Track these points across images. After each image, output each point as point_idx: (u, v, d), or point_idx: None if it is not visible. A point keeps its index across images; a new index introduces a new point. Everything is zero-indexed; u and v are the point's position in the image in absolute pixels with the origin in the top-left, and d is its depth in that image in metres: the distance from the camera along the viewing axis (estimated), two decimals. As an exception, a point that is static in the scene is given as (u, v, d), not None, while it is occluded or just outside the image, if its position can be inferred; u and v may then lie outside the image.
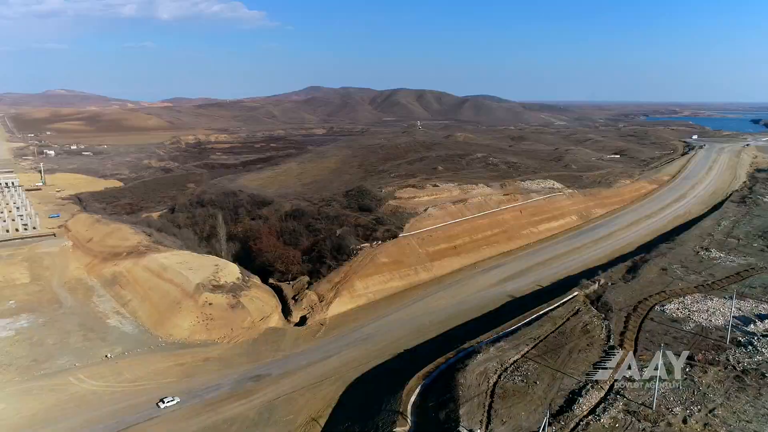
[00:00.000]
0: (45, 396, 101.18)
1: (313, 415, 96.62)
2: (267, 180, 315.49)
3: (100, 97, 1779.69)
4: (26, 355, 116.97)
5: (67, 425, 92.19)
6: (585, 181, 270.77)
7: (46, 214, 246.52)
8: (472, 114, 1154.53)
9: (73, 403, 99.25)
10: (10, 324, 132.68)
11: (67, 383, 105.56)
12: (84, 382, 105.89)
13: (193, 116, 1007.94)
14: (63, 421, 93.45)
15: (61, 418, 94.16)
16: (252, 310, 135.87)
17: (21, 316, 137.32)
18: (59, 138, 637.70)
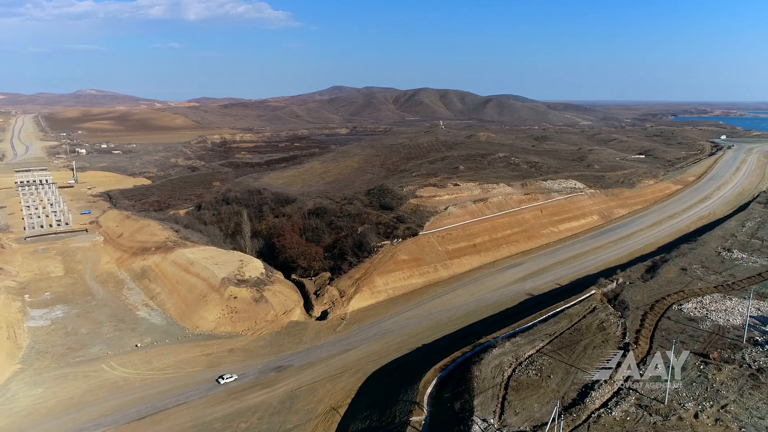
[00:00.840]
0: (79, 382, 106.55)
1: (333, 404, 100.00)
2: (290, 178, 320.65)
3: (129, 97, 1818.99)
4: (61, 343, 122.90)
5: (101, 409, 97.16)
6: (607, 181, 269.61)
7: (78, 211, 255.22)
8: (495, 114, 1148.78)
9: (105, 388, 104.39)
10: (47, 314, 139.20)
11: (100, 370, 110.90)
12: (116, 370, 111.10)
13: (219, 116, 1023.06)
14: (96, 405, 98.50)
15: (94, 402, 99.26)
16: (275, 304, 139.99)
17: (56, 307, 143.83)
18: (90, 137, 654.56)
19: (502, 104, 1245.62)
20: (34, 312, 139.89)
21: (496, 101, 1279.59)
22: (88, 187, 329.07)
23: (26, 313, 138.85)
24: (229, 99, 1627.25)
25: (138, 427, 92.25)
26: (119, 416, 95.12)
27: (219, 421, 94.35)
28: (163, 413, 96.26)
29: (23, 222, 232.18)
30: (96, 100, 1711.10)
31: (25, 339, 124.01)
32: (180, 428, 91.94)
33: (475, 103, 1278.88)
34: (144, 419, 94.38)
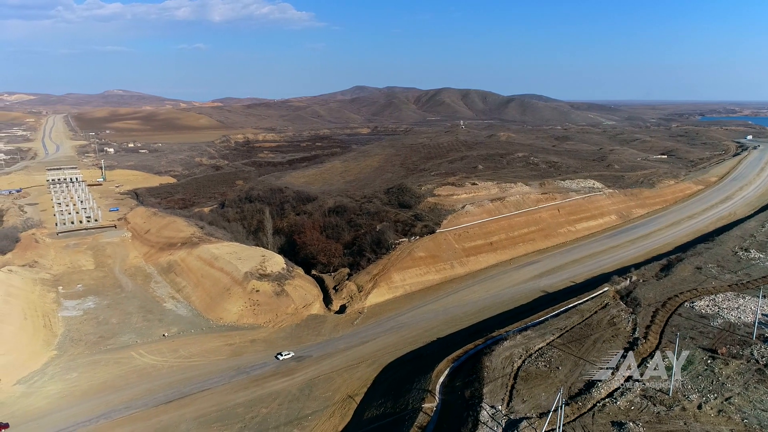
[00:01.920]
0: (111, 367, 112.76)
1: (350, 392, 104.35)
2: (312, 177, 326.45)
3: (155, 97, 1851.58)
4: (93, 332, 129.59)
5: (131, 393, 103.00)
6: (627, 181, 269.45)
7: (107, 208, 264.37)
8: (517, 113, 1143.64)
9: (135, 374, 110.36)
10: (79, 305, 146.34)
11: (130, 357, 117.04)
12: (144, 357, 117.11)
13: (242, 116, 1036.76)
14: (127, 389, 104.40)
15: (125, 387, 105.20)
16: (295, 297, 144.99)
17: (88, 298, 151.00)
18: (117, 136, 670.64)
19: (525, 104, 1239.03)
20: (68, 303, 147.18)
21: (519, 101, 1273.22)
22: (116, 185, 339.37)
23: (60, 303, 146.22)
24: (253, 99, 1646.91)
25: (166, 410, 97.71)
26: (148, 400, 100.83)
27: (241, 406, 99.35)
28: (189, 398, 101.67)
29: (55, 218, 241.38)
30: (123, 100, 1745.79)
31: (60, 327, 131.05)
32: (205, 412, 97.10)
33: (496, 103, 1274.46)
34: (171, 403, 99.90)
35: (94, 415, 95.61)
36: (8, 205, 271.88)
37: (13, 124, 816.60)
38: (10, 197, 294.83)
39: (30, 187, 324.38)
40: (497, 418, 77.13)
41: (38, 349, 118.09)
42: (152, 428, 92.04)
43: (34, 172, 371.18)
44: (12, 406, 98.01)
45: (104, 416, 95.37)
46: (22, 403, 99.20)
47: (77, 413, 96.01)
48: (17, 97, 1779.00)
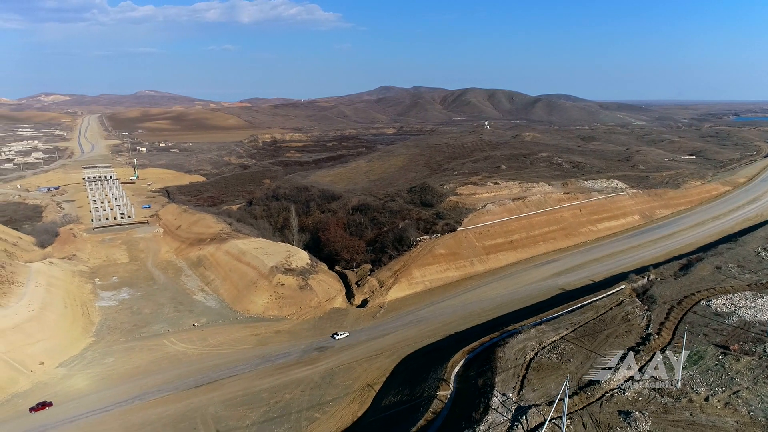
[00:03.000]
0: (144, 354, 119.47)
1: (369, 381, 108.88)
2: (337, 176, 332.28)
3: (185, 98, 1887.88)
4: (128, 321, 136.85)
5: (163, 377, 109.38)
6: (651, 182, 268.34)
7: (140, 205, 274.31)
8: (544, 113, 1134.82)
9: (167, 360, 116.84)
10: (114, 296, 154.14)
11: (162, 345, 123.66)
12: (176, 345, 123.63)
13: (270, 116, 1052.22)
14: (159, 373, 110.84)
15: (157, 371, 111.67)
16: (319, 291, 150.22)
17: (123, 290, 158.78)
18: (149, 136, 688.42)
19: (552, 104, 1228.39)
20: (104, 293, 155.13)
21: (546, 101, 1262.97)
22: (148, 183, 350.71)
23: (97, 294, 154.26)
24: (280, 99, 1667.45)
25: (195, 393, 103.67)
26: (179, 384, 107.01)
27: (266, 391, 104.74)
28: (217, 383, 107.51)
29: (91, 214, 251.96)
30: (154, 100, 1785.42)
31: (97, 316, 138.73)
32: (232, 396, 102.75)
33: (523, 103, 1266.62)
34: (200, 387, 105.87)
35: (129, 396, 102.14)
36: (47, 202, 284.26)
37: (51, 124, 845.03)
38: (48, 194, 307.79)
39: (67, 184, 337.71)
40: (507, 404, 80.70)
41: (78, 336, 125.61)
42: (183, 410, 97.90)
43: (70, 170, 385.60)
44: (55, 386, 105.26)
45: (138, 398, 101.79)
46: (63, 384, 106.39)
47: (114, 394, 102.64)
48: (54, 98, 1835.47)
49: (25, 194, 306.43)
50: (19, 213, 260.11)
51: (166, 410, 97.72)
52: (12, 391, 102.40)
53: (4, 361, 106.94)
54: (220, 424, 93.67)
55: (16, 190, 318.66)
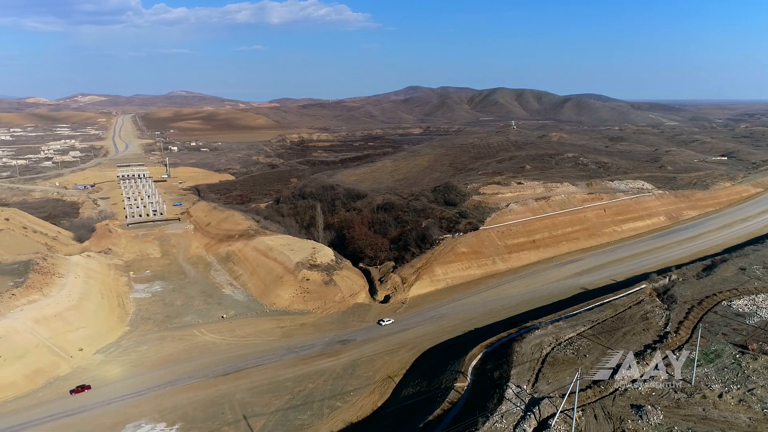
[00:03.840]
0: (176, 343, 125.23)
1: (390, 373, 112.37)
2: (362, 176, 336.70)
3: (215, 98, 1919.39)
4: (161, 312, 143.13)
5: (193, 365, 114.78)
6: (679, 183, 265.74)
7: (171, 202, 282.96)
8: (573, 114, 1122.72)
9: (197, 349, 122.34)
10: (147, 288, 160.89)
11: (192, 335, 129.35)
12: (205, 335, 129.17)
13: (298, 116, 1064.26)
14: (190, 361, 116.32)
15: (188, 360, 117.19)
16: (342, 287, 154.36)
17: (155, 283, 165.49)
18: (181, 135, 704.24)
19: (581, 104, 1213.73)
20: (138, 286, 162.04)
21: (575, 101, 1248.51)
22: (179, 181, 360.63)
23: (132, 286, 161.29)
24: (308, 99, 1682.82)
25: (223, 380, 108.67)
26: (208, 372, 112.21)
27: (290, 380, 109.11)
28: (243, 371, 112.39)
29: (125, 211, 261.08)
30: (186, 101, 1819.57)
31: (132, 307, 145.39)
32: (258, 384, 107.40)
33: (552, 103, 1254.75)
34: (228, 375, 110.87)
35: (161, 382, 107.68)
36: (84, 199, 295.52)
37: (87, 124, 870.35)
38: (85, 192, 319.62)
39: (102, 182, 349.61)
40: (521, 396, 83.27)
41: (114, 325, 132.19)
42: (212, 396, 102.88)
43: (105, 168, 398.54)
44: (93, 371, 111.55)
45: (170, 383, 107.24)
46: (101, 369, 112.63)
47: (147, 380, 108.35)
48: (90, 98, 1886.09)
49: (63, 191, 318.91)
50: (58, 209, 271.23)
51: (196, 395, 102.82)
52: (54, 374, 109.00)
53: (47, 347, 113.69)
54: (247, 409, 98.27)
55: (55, 187, 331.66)
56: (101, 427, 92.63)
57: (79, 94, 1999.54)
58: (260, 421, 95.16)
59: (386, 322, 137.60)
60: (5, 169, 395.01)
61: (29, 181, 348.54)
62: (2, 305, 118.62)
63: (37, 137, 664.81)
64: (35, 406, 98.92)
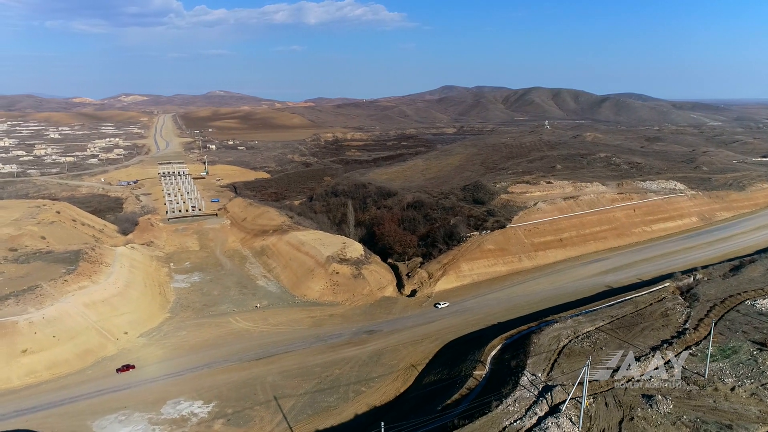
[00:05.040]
0: (212, 329, 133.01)
1: (413, 362, 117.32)
2: (394, 174, 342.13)
3: (253, 98, 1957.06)
4: (199, 300, 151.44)
5: (228, 350, 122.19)
6: (714, 184, 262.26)
7: (209, 199, 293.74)
8: (611, 113, 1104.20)
9: (232, 335, 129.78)
10: (187, 279, 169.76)
11: (228, 322, 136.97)
12: (240, 323, 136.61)
13: (332, 115, 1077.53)
14: (225, 346, 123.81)
15: (223, 344, 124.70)
16: (371, 280, 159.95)
17: (194, 274, 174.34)
18: (219, 134, 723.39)
19: (620, 104, 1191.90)
20: (178, 276, 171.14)
21: (614, 100, 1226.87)
22: (216, 178, 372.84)
23: (172, 276, 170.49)
24: (343, 99, 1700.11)
25: (256, 365, 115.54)
26: (242, 356, 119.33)
27: (318, 366, 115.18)
28: (275, 357, 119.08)
29: (165, 206, 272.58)
30: (224, 100, 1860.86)
31: (172, 296, 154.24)
32: (288, 369, 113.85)
33: (589, 103, 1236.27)
34: (260, 360, 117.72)
35: (198, 364, 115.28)
36: (127, 195, 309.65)
37: (130, 123, 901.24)
38: (128, 188, 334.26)
39: (144, 178, 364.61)
40: (535, 383, 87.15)
41: (155, 311, 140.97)
42: (245, 378, 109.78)
43: (147, 165, 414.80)
44: (136, 353, 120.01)
45: (207, 366, 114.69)
46: (144, 351, 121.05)
47: (186, 362, 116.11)
48: (133, 98, 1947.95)
49: (107, 187, 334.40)
50: (103, 204, 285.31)
51: (231, 377, 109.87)
52: (102, 354, 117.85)
53: (96, 329, 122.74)
54: (277, 391, 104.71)
55: (100, 183, 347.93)
56: (144, 402, 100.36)
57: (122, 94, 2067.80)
58: (289, 402, 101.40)
59: (442, 306, 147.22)
60: (55, 166, 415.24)
61: (76, 177, 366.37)
62: (56, 290, 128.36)
63: (83, 135, 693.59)
64: (85, 382, 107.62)
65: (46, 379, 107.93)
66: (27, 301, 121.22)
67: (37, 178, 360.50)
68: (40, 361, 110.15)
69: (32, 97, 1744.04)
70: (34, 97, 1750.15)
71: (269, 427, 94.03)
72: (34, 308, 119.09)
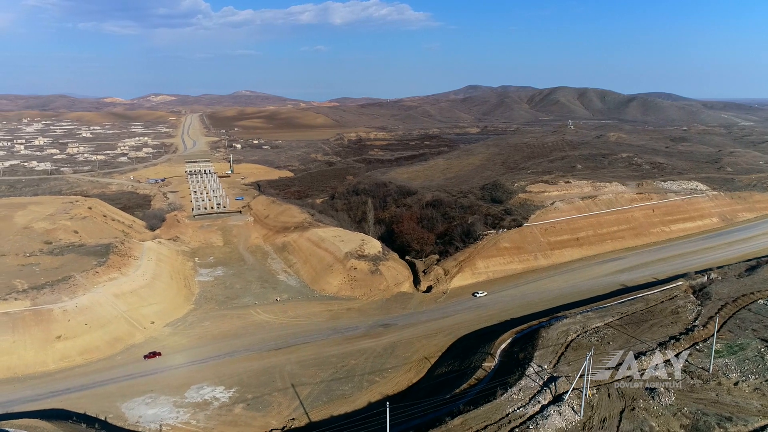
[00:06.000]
0: (234, 321, 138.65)
1: (426, 355, 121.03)
2: (415, 173, 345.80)
3: (278, 98, 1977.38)
4: (222, 293, 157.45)
5: (249, 339, 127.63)
6: (737, 184, 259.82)
7: (234, 197, 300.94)
8: (639, 113, 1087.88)
9: (252, 326, 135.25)
10: (211, 273, 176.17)
11: (249, 314, 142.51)
12: (260, 315, 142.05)
13: (356, 115, 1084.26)
14: (246, 336, 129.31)
15: (245, 335, 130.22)
16: (388, 276, 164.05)
17: (218, 268, 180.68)
18: (244, 133, 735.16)
19: (647, 103, 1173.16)
20: (202, 270, 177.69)
21: (641, 100, 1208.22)
22: (241, 177, 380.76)
23: (197, 270, 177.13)
24: (367, 99, 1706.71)
25: (275, 354, 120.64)
26: (262, 346, 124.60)
27: (335, 357, 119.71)
28: (293, 347, 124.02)
29: (191, 203, 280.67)
30: (250, 100, 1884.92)
31: (197, 288, 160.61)
32: (305, 358, 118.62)
33: (616, 102, 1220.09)
34: (279, 350, 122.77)
35: (221, 353, 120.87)
36: (155, 192, 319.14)
37: (158, 122, 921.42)
38: (156, 185, 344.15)
39: (172, 176, 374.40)
40: (541, 374, 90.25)
41: (181, 303, 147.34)
42: (264, 366, 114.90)
43: (174, 164, 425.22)
44: (163, 341, 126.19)
45: (228, 354, 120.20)
46: (169, 339, 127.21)
47: (209, 350, 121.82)
48: (161, 98, 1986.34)
49: (136, 185, 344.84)
50: (132, 201, 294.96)
51: (251, 365, 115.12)
52: (130, 342, 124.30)
53: (125, 319, 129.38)
54: (295, 379, 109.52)
55: (130, 181, 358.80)
56: (170, 387, 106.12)
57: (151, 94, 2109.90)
58: (306, 389, 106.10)
59: (480, 295, 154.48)
60: (86, 164, 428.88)
61: (107, 175, 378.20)
62: (88, 281, 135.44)
63: (114, 134, 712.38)
64: (115, 367, 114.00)
65: (79, 363, 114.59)
66: (61, 291, 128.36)
67: (70, 175, 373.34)
68: (73, 346, 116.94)
69: (66, 97, 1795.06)
70: (67, 97, 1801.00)
71: (286, 412, 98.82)
72: (68, 297, 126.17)
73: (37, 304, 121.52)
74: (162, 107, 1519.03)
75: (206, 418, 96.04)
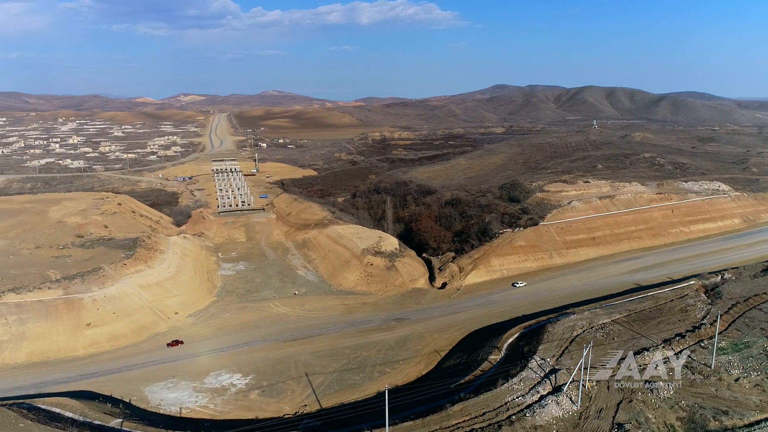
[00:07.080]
0: (254, 313, 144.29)
1: (437, 348, 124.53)
2: (435, 173, 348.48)
3: (304, 98, 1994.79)
4: (242, 287, 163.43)
5: (267, 330, 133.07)
6: (762, 185, 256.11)
7: (258, 195, 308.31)
8: (668, 113, 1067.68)
9: (271, 318, 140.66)
10: (233, 267, 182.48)
11: (268, 307, 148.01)
12: (279, 308, 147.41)
13: (381, 114, 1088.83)
14: (265, 327, 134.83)
15: (263, 326, 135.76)
16: (403, 273, 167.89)
17: (240, 263, 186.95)
18: (270, 133, 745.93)
19: (678, 103, 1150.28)
20: (225, 265, 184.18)
21: (671, 99, 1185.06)
22: (266, 176, 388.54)
23: (219, 264, 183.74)
24: (392, 98, 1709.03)
25: (291, 345, 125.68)
26: (279, 337, 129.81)
27: (348, 348, 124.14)
28: (308, 338, 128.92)
29: (217, 201, 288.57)
30: (277, 100, 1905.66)
31: (219, 282, 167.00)
32: (320, 349, 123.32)
33: (645, 102, 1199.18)
34: (295, 341, 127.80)
35: (240, 342, 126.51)
36: (182, 189, 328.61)
37: (187, 122, 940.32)
38: (183, 183, 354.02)
39: (199, 175, 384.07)
40: (543, 366, 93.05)
41: (203, 295, 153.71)
42: (281, 355, 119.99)
43: (202, 162, 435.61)
44: (185, 330, 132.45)
45: (247, 344, 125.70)
46: (191, 329, 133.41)
47: (229, 340, 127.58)
48: (191, 98, 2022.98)
49: (165, 182, 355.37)
50: (161, 198, 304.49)
51: (268, 355, 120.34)
52: (155, 331, 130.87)
53: (150, 309, 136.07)
54: (308, 368, 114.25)
55: (158, 178, 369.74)
56: (190, 373, 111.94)
57: (181, 94, 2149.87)
58: (319, 378, 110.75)
59: (519, 285, 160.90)
60: (118, 162, 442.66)
61: (137, 173, 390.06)
62: (116, 272, 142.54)
63: (144, 134, 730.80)
64: (140, 354, 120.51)
65: (106, 349, 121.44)
66: (91, 281, 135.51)
67: (101, 173, 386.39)
68: (101, 333, 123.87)
69: (98, 98, 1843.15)
70: (100, 97, 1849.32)
71: (299, 398, 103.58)
72: (97, 287, 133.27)
73: (68, 294, 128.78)
74: (191, 107, 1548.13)
75: (223, 403, 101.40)
